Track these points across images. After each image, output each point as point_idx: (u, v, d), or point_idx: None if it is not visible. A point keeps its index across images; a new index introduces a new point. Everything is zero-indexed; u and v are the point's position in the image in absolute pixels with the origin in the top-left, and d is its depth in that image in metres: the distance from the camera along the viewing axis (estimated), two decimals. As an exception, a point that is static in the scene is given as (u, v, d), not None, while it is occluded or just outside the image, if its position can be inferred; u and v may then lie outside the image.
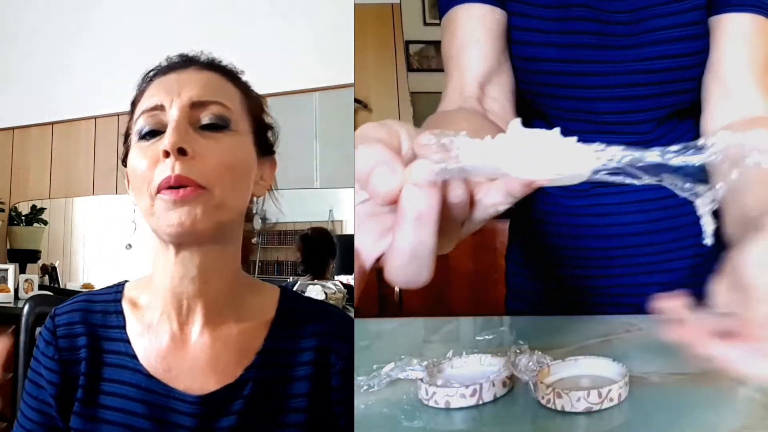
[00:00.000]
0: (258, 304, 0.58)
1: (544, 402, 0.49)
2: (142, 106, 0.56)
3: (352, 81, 1.83)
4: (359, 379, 0.55)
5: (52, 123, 2.33)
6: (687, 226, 0.74)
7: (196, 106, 0.54)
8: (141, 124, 0.55)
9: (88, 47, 2.18)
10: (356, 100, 1.98)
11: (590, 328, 0.66)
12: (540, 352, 0.52)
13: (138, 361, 0.56)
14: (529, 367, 0.51)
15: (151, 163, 0.53)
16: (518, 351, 0.52)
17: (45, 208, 2.39)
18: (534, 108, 0.75)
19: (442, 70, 0.71)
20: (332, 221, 1.89)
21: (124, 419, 0.55)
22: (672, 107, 0.71)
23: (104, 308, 0.59)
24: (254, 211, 0.61)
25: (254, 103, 0.60)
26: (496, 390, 0.51)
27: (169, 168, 0.51)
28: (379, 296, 1.64)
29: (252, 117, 0.58)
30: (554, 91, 0.71)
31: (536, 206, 0.79)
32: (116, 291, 0.61)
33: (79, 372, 0.57)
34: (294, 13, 1.90)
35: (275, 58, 1.88)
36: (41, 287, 2.21)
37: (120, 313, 0.58)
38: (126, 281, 0.62)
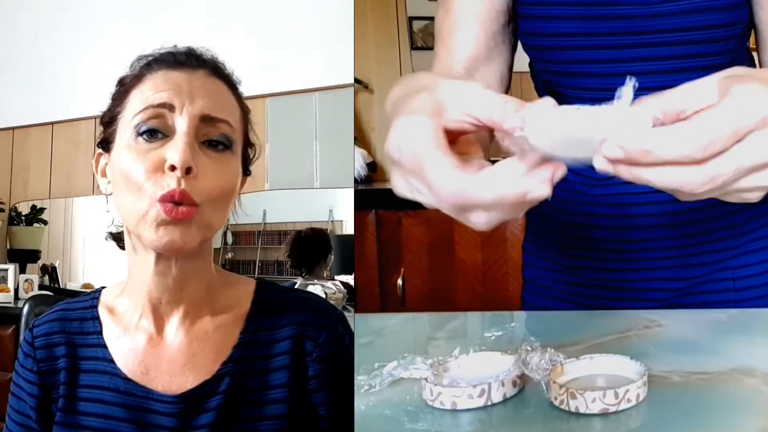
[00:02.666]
0: (234, 297, 0.59)
1: (557, 403, 0.47)
2: (145, 95, 0.55)
3: (352, 81, 1.82)
4: (359, 379, 0.52)
5: (52, 123, 2.35)
6: (716, 218, 0.71)
7: (206, 120, 0.54)
8: (143, 119, 0.53)
9: (88, 47, 2.19)
10: (356, 80, 1.93)
11: (607, 323, 0.64)
12: (553, 350, 0.50)
13: (115, 365, 0.57)
14: (541, 366, 0.48)
15: (150, 170, 0.52)
16: (529, 348, 0.50)
17: (45, 208, 2.41)
18: (552, 89, 0.71)
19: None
20: (332, 221, 1.90)
21: (106, 424, 0.56)
22: None
23: (81, 315, 0.60)
24: (226, 227, 0.62)
25: (246, 119, 0.61)
26: (506, 390, 0.49)
27: (174, 182, 0.52)
28: (381, 290, 1.61)
29: (244, 135, 0.60)
30: (571, 68, 0.67)
31: (555, 194, 0.76)
32: (93, 298, 0.62)
33: (59, 382, 0.58)
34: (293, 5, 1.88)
35: (275, 57, 1.88)
36: (41, 287, 2.24)
37: (96, 318, 0.60)
38: (103, 287, 0.63)
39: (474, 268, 1.61)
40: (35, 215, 2.41)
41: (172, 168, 0.52)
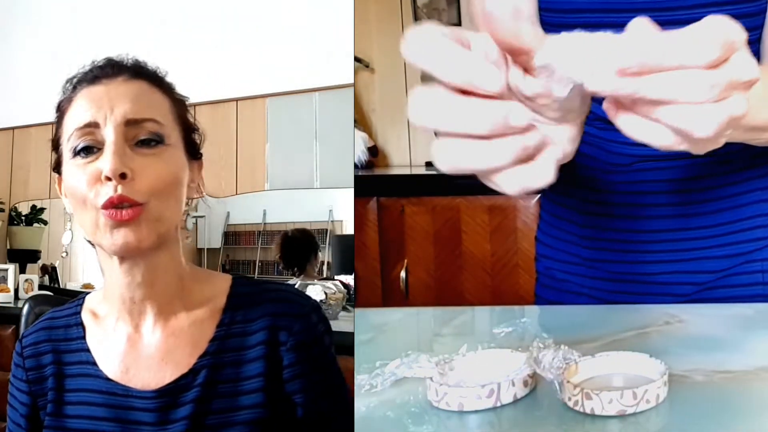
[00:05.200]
0: (208, 292, 0.61)
1: (571, 404, 0.45)
2: (72, 120, 0.58)
3: (352, 81, 1.82)
4: (360, 378, 0.50)
5: (52, 123, 2.36)
6: (743, 207, 0.68)
7: (131, 123, 0.57)
8: (75, 141, 0.57)
9: (88, 47, 2.19)
10: (356, 59, 1.90)
11: (624, 319, 0.62)
12: (566, 347, 0.48)
13: (98, 367, 0.60)
14: (554, 365, 0.46)
15: (90, 182, 0.55)
16: (542, 346, 0.48)
17: (45, 208, 2.43)
18: None
19: (454, 24, 0.66)
20: (332, 221, 1.91)
21: (91, 425, 0.59)
22: None
23: (66, 323, 0.63)
24: (187, 213, 0.64)
25: (181, 109, 0.63)
26: (516, 390, 0.47)
27: (111, 190, 0.55)
28: (383, 283, 1.58)
29: (180, 124, 0.61)
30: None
31: (571, 182, 0.74)
32: (77, 304, 0.65)
33: (47, 388, 0.61)
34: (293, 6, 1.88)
35: (275, 57, 1.88)
36: (41, 287, 2.25)
37: (80, 324, 0.63)
38: (88, 293, 0.66)
39: (482, 260, 1.57)
40: (35, 215, 2.42)
41: (108, 178, 0.55)
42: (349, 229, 1.90)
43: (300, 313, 0.59)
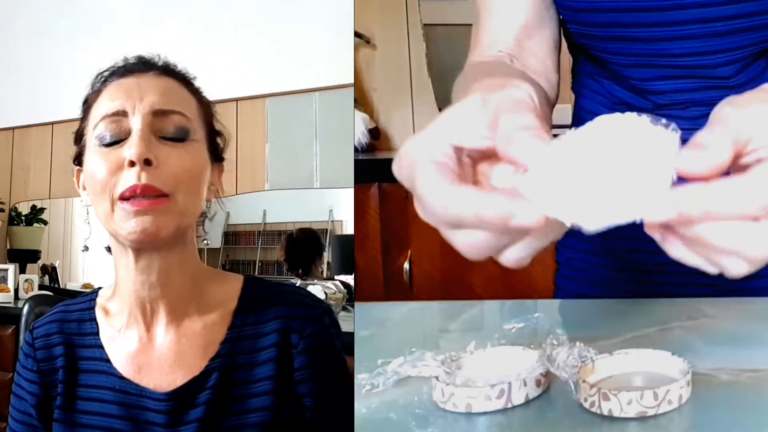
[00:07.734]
0: (221, 294, 0.62)
1: (587, 405, 0.43)
2: (101, 108, 0.59)
3: (352, 81, 1.82)
4: (360, 377, 0.49)
5: (52, 123, 2.42)
6: None
7: (158, 114, 0.58)
8: (102, 130, 0.58)
9: (88, 47, 2.22)
10: (357, 34, 1.86)
11: (645, 314, 0.60)
12: (582, 344, 0.46)
13: (111, 364, 0.60)
14: (569, 363, 0.45)
15: (113, 169, 0.56)
16: (555, 342, 0.46)
17: (45, 208, 2.48)
18: (590, 53, 0.67)
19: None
20: (332, 221, 1.92)
21: (102, 422, 0.60)
22: (760, 45, 0.61)
23: (79, 317, 0.64)
24: (205, 216, 0.64)
25: (207, 110, 0.64)
26: (529, 390, 0.45)
27: (134, 177, 0.55)
28: (385, 275, 1.55)
29: (206, 125, 0.63)
30: (612, 31, 0.62)
31: None
32: (90, 299, 0.65)
33: (57, 380, 0.62)
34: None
35: (275, 57, 1.89)
36: (41, 287, 2.30)
37: (93, 320, 0.63)
38: (100, 288, 0.66)
39: (491, 250, 1.53)
40: (35, 215, 2.46)
41: (132, 164, 0.55)
42: (349, 229, 1.91)
43: (312, 315, 0.60)
